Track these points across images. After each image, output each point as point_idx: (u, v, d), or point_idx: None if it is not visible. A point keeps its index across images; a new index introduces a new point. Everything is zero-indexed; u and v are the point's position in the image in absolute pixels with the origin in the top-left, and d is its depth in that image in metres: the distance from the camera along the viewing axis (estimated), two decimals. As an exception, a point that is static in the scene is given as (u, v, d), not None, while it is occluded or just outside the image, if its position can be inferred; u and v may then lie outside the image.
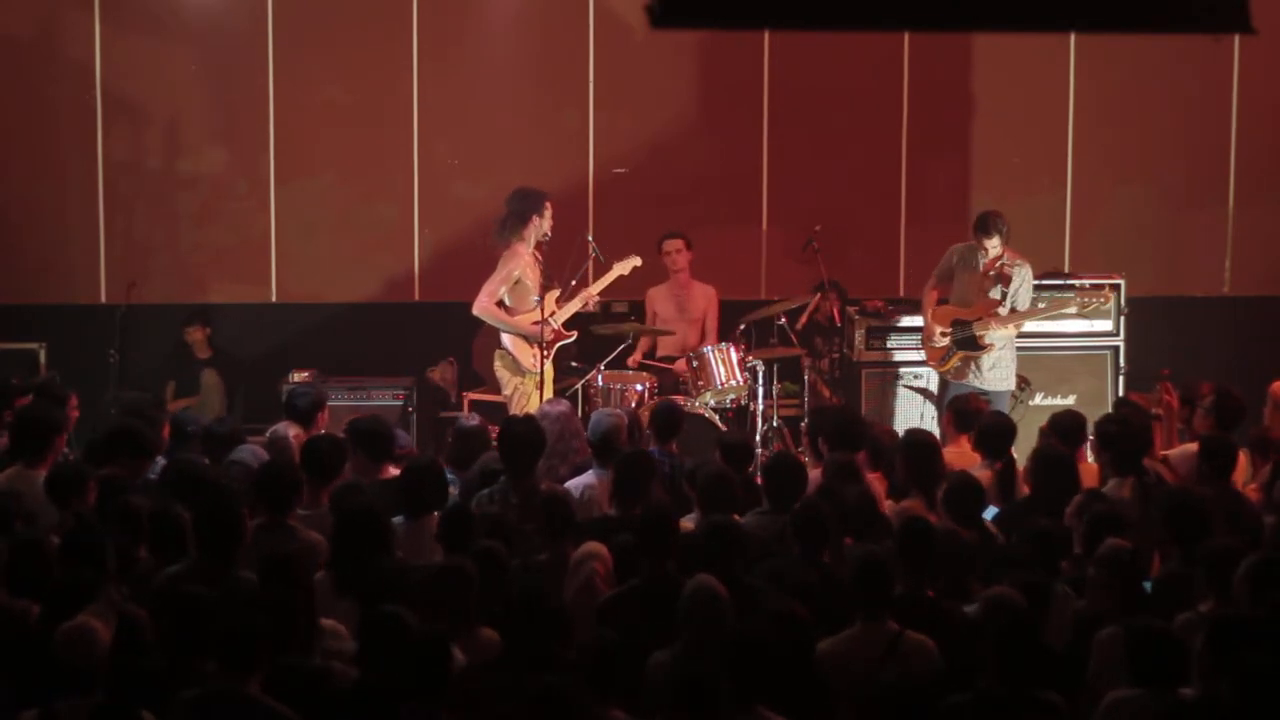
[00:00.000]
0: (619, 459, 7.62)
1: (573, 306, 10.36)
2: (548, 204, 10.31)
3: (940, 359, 10.57)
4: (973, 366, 10.41)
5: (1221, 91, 12.45)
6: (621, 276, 10.61)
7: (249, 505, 7.40)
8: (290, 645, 5.62)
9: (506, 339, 10.30)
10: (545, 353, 10.15)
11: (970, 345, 10.40)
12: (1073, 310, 10.76)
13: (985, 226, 10.29)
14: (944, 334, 10.46)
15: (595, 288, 10.50)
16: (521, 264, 10.22)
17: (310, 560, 6.59)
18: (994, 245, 10.28)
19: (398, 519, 7.18)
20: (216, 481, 7.53)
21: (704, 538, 6.44)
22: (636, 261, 10.65)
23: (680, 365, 11.02)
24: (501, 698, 5.45)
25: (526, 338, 10.20)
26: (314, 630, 5.84)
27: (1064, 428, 8.27)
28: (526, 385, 10.19)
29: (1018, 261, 10.40)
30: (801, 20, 5.88)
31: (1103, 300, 10.61)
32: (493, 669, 5.71)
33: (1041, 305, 10.64)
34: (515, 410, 9.97)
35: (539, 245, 10.30)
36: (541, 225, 10.25)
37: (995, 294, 10.33)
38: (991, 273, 10.35)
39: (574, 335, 10.42)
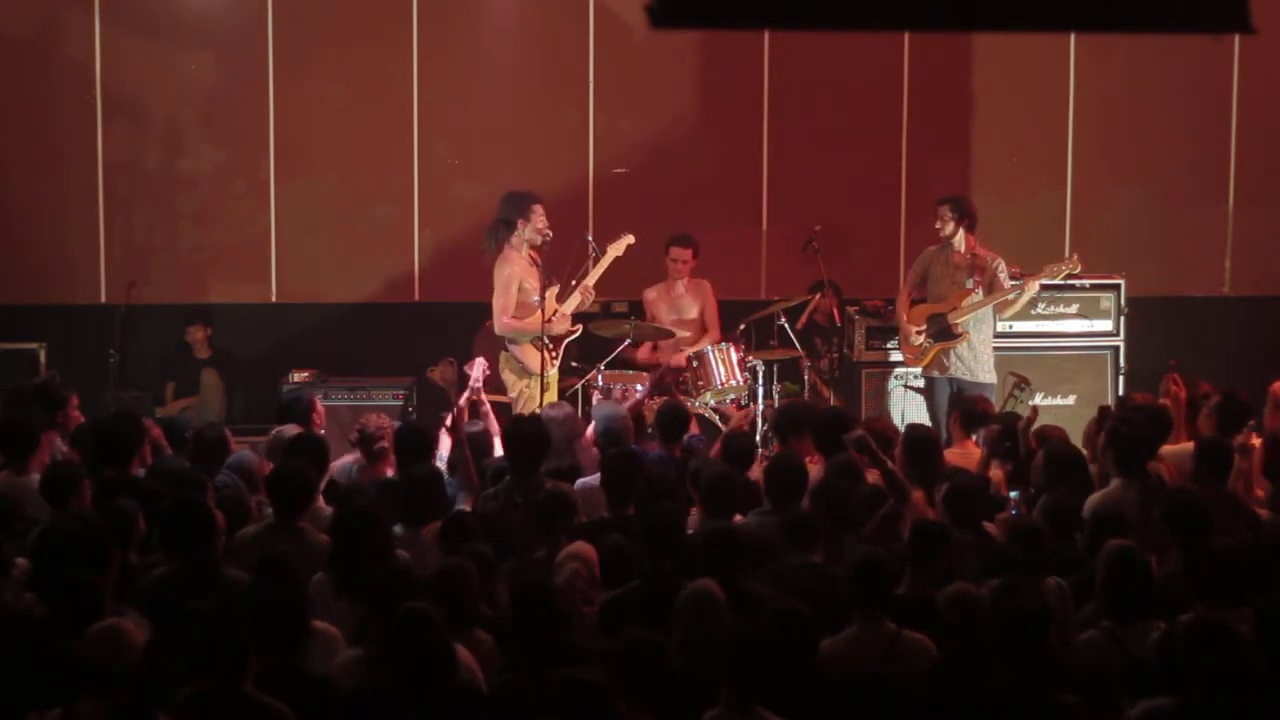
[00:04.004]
0: (605, 461, 7.61)
1: (573, 301, 10.32)
2: (533, 207, 10.16)
3: (917, 355, 10.66)
4: (953, 358, 10.52)
5: (1221, 91, 12.46)
6: (617, 259, 10.52)
7: (257, 507, 7.43)
8: (279, 646, 5.62)
9: (515, 345, 10.26)
10: (553, 352, 10.12)
11: (945, 335, 10.51)
12: (1045, 278, 10.70)
13: (958, 202, 10.56)
14: (919, 331, 10.57)
15: (592, 277, 10.42)
16: (516, 269, 10.17)
17: (311, 562, 6.59)
18: (954, 218, 10.36)
19: (396, 527, 7.15)
20: (197, 482, 7.48)
21: (702, 543, 6.44)
22: (629, 239, 10.52)
23: (670, 354, 11.02)
24: (524, 697, 5.46)
25: (536, 341, 10.16)
26: (305, 632, 5.83)
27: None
28: (532, 388, 10.18)
29: (989, 256, 10.57)
30: (801, 20, 5.87)
31: (1071, 265, 10.61)
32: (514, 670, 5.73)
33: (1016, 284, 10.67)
34: (520, 412, 9.94)
35: (537, 248, 10.23)
36: (528, 229, 10.15)
37: (969, 284, 10.44)
38: (964, 265, 10.48)
39: (580, 329, 10.39)
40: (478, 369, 9.14)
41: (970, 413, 8.90)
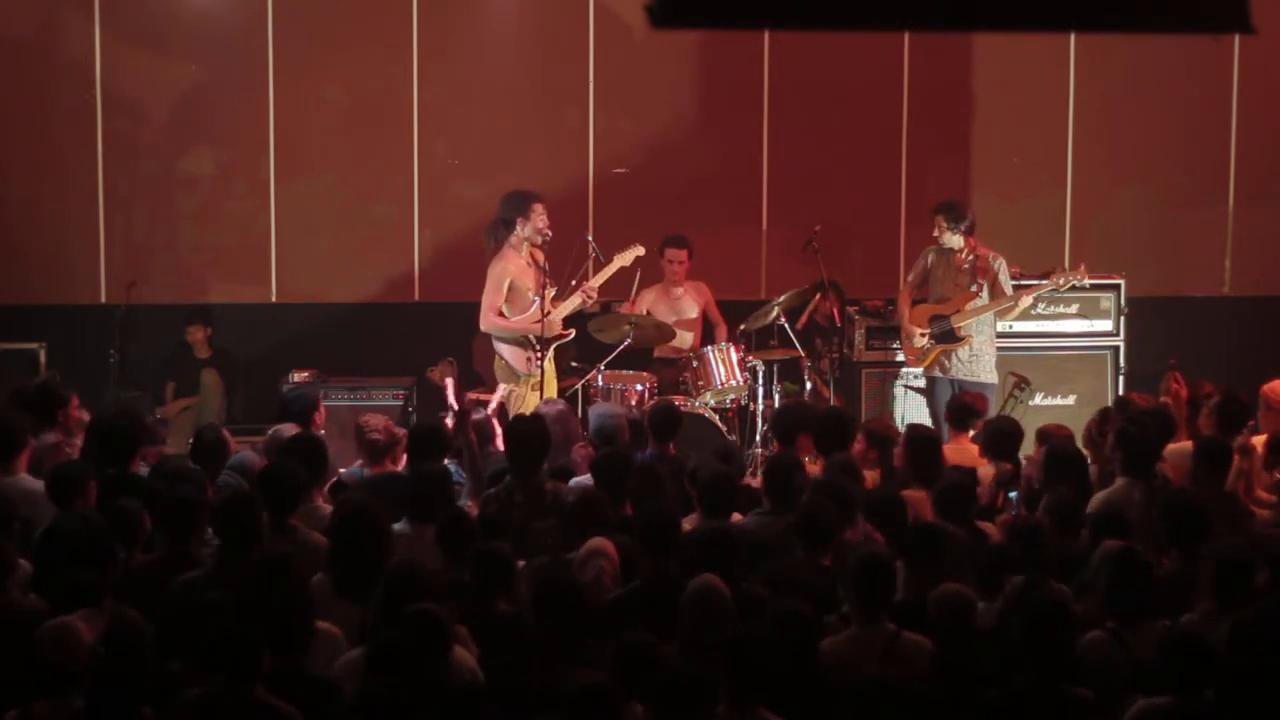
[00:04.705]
0: (594, 462, 7.61)
1: (573, 302, 10.33)
2: (534, 206, 10.22)
3: (920, 356, 10.68)
4: (954, 359, 10.53)
5: (1221, 91, 12.45)
6: (623, 268, 10.56)
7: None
8: (284, 647, 5.62)
9: (501, 345, 10.29)
10: (541, 353, 10.15)
11: (949, 338, 10.53)
12: (1051, 286, 10.73)
13: (954, 210, 10.45)
14: (923, 334, 10.58)
15: (596, 280, 10.45)
16: (510, 268, 10.20)
17: (308, 561, 6.59)
18: (952, 228, 10.35)
19: (401, 524, 7.16)
20: (198, 482, 7.51)
21: (698, 542, 6.44)
22: (639, 251, 10.59)
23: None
24: (537, 696, 5.45)
25: (522, 342, 10.19)
26: (309, 633, 5.83)
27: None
28: (522, 388, 10.20)
29: (990, 254, 10.56)
30: (801, 20, 5.88)
31: (1079, 276, 10.63)
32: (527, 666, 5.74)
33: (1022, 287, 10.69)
34: (512, 413, 9.95)
35: (538, 247, 10.26)
36: (528, 228, 10.18)
37: (973, 287, 10.44)
38: (966, 266, 10.48)
39: (572, 333, 10.40)
40: (448, 387, 9.15)
41: (960, 407, 8.89)
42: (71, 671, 5.37)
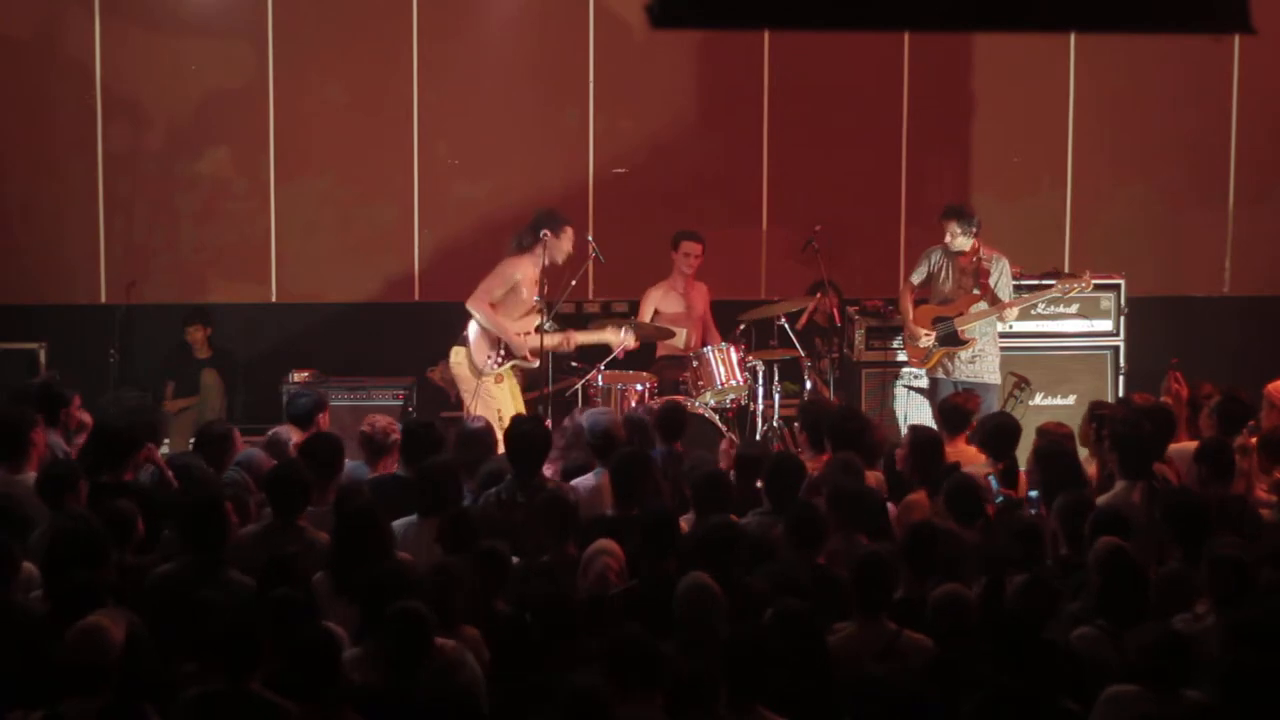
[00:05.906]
0: (615, 459, 7.62)
1: (552, 340, 10.31)
2: (566, 229, 10.28)
3: (923, 358, 10.67)
4: (956, 360, 10.52)
5: (1221, 91, 12.46)
6: (612, 340, 10.57)
7: (256, 507, 7.45)
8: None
9: (471, 337, 10.31)
10: (503, 358, 10.19)
11: (952, 340, 10.53)
12: (1054, 294, 10.76)
13: (964, 215, 10.44)
14: (927, 334, 10.57)
15: (581, 338, 10.51)
16: (525, 270, 10.23)
17: (314, 560, 6.61)
18: (965, 232, 10.35)
19: (410, 518, 7.17)
20: (210, 479, 7.55)
21: (699, 539, 6.44)
22: (631, 345, 10.58)
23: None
24: (532, 699, 5.46)
25: (494, 340, 10.22)
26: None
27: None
28: (486, 383, 10.24)
29: (993, 255, 10.54)
30: (801, 20, 5.88)
31: (1084, 285, 10.63)
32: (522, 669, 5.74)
33: (1025, 295, 10.72)
34: (477, 410, 9.97)
35: (546, 269, 10.27)
36: (555, 244, 10.20)
37: (976, 290, 10.44)
38: (969, 268, 10.47)
39: (535, 363, 10.35)
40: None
41: (951, 410, 8.86)
42: (101, 671, 5.38)
